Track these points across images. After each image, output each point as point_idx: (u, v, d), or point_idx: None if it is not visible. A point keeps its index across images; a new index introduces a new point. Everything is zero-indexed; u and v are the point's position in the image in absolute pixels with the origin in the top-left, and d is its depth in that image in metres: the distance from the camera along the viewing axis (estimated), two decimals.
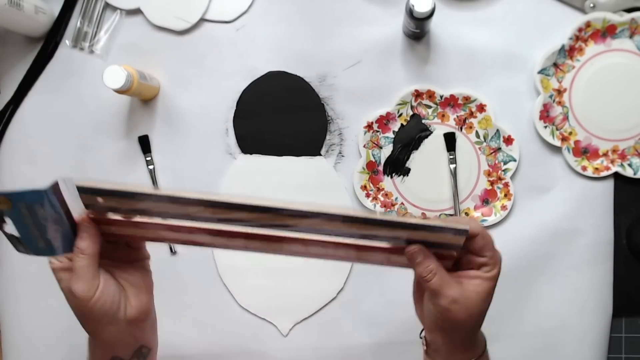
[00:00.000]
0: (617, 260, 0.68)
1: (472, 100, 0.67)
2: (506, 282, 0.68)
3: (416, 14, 0.60)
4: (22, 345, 0.72)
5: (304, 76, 0.69)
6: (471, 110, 0.67)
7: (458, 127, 0.68)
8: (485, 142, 0.67)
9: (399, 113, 0.68)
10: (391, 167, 0.69)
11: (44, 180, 0.72)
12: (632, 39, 0.66)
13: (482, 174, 0.68)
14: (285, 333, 0.70)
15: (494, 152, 0.67)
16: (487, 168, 0.68)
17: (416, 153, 0.68)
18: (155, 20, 0.69)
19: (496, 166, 0.67)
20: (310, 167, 0.69)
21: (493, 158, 0.67)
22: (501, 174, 0.67)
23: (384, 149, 0.68)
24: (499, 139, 0.67)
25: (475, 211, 0.68)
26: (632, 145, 0.67)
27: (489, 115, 0.66)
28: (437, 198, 0.68)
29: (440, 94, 0.67)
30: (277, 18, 0.69)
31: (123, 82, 0.61)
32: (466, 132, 0.67)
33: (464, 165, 0.68)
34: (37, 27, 0.69)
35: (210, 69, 0.70)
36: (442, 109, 0.67)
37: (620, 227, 0.68)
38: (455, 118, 0.68)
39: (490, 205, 0.67)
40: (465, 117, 0.67)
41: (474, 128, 0.67)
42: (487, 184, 0.68)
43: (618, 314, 0.68)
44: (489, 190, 0.68)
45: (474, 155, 0.68)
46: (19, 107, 0.71)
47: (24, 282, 0.71)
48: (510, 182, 0.67)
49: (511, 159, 0.67)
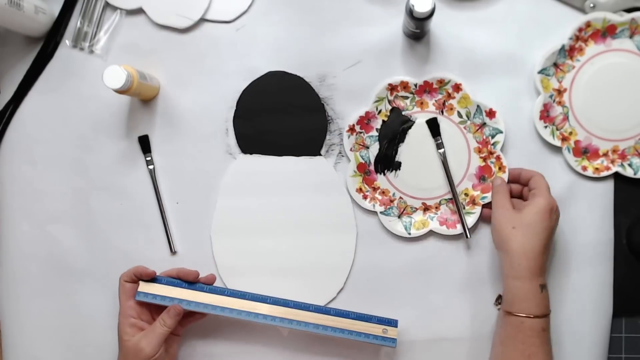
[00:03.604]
0: (617, 260, 0.68)
1: (446, 82, 0.66)
2: None
3: (416, 14, 0.60)
4: (22, 345, 0.72)
5: (304, 76, 0.69)
6: (448, 92, 0.67)
7: (439, 111, 0.67)
8: (469, 120, 0.67)
9: (378, 110, 0.68)
10: (382, 165, 0.68)
11: (44, 180, 0.72)
12: (632, 39, 0.66)
13: (472, 152, 0.67)
14: (285, 333, 0.70)
15: (480, 128, 0.67)
16: (476, 145, 0.67)
17: (403, 146, 0.68)
18: (157, 18, 0.69)
19: (485, 141, 0.67)
20: (310, 167, 0.69)
21: (480, 134, 0.67)
22: (491, 148, 0.66)
23: (371, 148, 0.68)
24: (482, 114, 0.66)
25: (474, 190, 0.67)
26: (632, 145, 0.67)
27: (467, 94, 0.66)
28: (433, 185, 0.68)
29: (414, 83, 0.67)
30: (277, 18, 0.69)
31: (123, 82, 0.61)
32: (448, 114, 0.67)
33: (452, 148, 0.68)
34: (37, 27, 0.69)
35: (210, 69, 0.70)
36: (420, 97, 0.67)
37: (620, 227, 0.68)
38: (434, 103, 0.67)
39: (487, 181, 0.67)
40: (443, 99, 0.67)
41: (455, 109, 0.67)
42: (479, 160, 0.67)
43: (618, 314, 0.68)
44: (483, 166, 0.67)
45: (460, 135, 0.67)
46: (19, 107, 0.71)
47: (24, 282, 0.71)
48: (501, 154, 0.66)
49: (498, 131, 0.66)
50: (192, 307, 0.64)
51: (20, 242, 0.72)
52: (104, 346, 0.70)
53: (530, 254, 0.58)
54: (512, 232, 0.59)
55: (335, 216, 0.69)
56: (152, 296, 0.64)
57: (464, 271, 0.68)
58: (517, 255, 0.58)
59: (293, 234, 0.69)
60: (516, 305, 0.58)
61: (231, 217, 0.70)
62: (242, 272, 0.70)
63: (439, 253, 0.68)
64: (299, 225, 0.69)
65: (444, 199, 0.68)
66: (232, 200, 0.70)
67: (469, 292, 0.68)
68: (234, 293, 0.66)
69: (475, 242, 0.68)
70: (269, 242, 0.69)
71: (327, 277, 0.69)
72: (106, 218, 0.71)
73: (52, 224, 0.71)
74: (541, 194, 0.60)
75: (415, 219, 0.68)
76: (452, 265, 0.68)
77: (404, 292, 0.69)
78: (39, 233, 0.71)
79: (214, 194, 0.70)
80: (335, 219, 0.69)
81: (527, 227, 0.59)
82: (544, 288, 0.59)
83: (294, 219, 0.69)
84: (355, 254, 0.69)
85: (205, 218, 0.70)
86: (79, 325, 0.71)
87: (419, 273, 0.68)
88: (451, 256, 0.68)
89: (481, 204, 0.67)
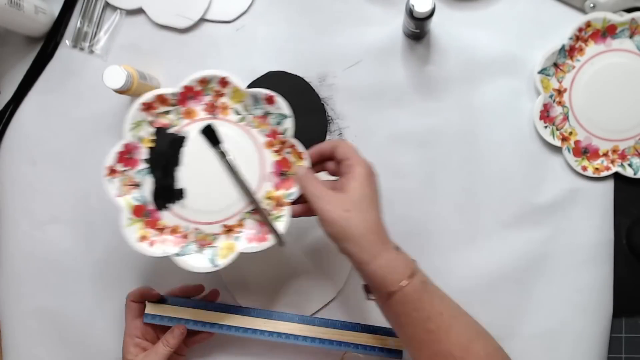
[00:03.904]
0: (617, 260, 0.68)
1: (209, 80, 0.57)
2: (506, 283, 0.68)
3: (416, 14, 0.60)
4: (22, 345, 0.72)
5: (304, 76, 0.69)
6: (215, 90, 0.57)
7: (212, 115, 0.58)
8: (249, 114, 0.58)
9: (139, 138, 0.57)
10: (162, 199, 0.57)
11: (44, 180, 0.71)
12: (632, 39, 0.66)
13: (264, 149, 0.58)
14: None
15: (264, 118, 0.58)
16: (265, 140, 0.58)
17: (181, 169, 0.58)
18: (157, 18, 0.69)
19: (274, 132, 0.58)
20: None
21: (266, 126, 0.58)
22: (282, 138, 0.58)
23: (143, 185, 0.57)
24: (260, 103, 0.57)
25: (277, 190, 0.58)
26: (632, 145, 0.67)
27: (236, 86, 0.57)
28: (229, 201, 0.58)
29: (172, 92, 0.57)
30: (277, 18, 0.69)
31: (123, 82, 0.61)
32: (223, 115, 0.58)
33: (240, 151, 0.58)
34: (37, 27, 0.69)
35: (210, 69, 0.70)
36: (184, 106, 0.57)
37: (620, 227, 0.68)
38: (204, 108, 0.58)
39: (288, 175, 0.58)
40: (213, 101, 0.58)
41: (229, 107, 0.58)
42: (274, 155, 0.58)
43: (618, 314, 0.68)
44: (280, 160, 0.58)
45: (243, 135, 0.58)
46: (19, 107, 0.71)
47: (24, 282, 0.71)
48: (294, 141, 0.57)
49: (283, 117, 0.57)
50: (198, 327, 0.64)
51: (20, 242, 0.72)
52: (105, 346, 0.70)
53: (374, 226, 0.52)
54: (348, 216, 0.51)
55: None
56: (159, 318, 0.63)
57: None
58: (363, 236, 0.51)
59: (292, 233, 0.69)
60: (389, 282, 0.51)
61: None
62: (242, 273, 0.69)
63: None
64: (299, 225, 0.69)
65: (246, 212, 0.58)
66: None
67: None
68: (245, 312, 0.65)
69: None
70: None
71: (327, 277, 0.69)
72: (106, 218, 0.71)
73: (52, 224, 0.71)
74: (355, 161, 0.54)
75: (220, 246, 0.58)
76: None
77: None
78: (39, 233, 0.71)
79: None
80: None
81: (361, 202, 0.52)
82: (397, 248, 0.53)
83: (293, 219, 0.69)
84: None
85: None
86: (79, 326, 0.71)
87: None
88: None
89: (289, 203, 0.58)
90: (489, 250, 0.68)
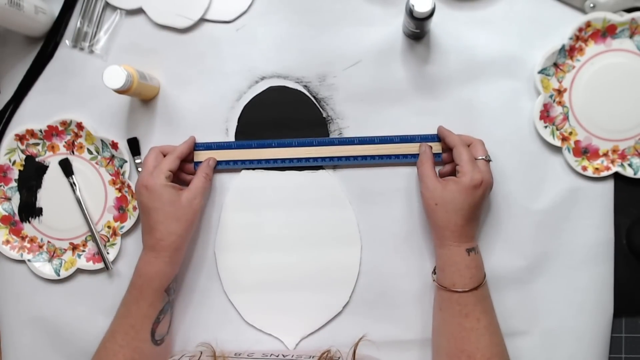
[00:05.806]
0: (617, 260, 0.68)
1: (69, 123, 0.69)
2: (506, 283, 0.68)
3: (416, 14, 0.60)
4: (22, 345, 0.72)
5: (304, 76, 0.69)
6: (74, 131, 0.70)
7: (70, 151, 0.70)
8: (99, 155, 0.70)
9: (12, 161, 0.70)
10: (25, 213, 0.71)
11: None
12: (632, 39, 0.66)
13: (108, 185, 0.70)
14: (291, 348, 0.69)
15: (110, 161, 0.70)
16: (110, 178, 0.70)
17: (42, 191, 0.71)
18: (157, 18, 0.69)
19: (117, 173, 0.70)
20: (312, 181, 0.69)
21: (112, 167, 0.70)
22: (122, 178, 0.70)
23: (12, 199, 0.71)
24: (108, 147, 0.69)
25: (115, 222, 0.70)
26: (632, 145, 0.67)
27: (89, 131, 0.69)
28: (76, 224, 0.70)
29: (40, 129, 0.70)
30: (277, 18, 0.69)
31: (123, 82, 0.61)
32: (79, 153, 0.70)
33: (88, 184, 0.70)
34: (37, 27, 0.69)
35: (210, 69, 0.70)
36: (49, 141, 0.70)
37: (620, 227, 0.68)
38: (64, 144, 0.70)
39: (125, 210, 0.70)
40: (72, 140, 0.70)
41: (84, 146, 0.70)
42: (116, 192, 0.70)
43: (618, 314, 0.68)
44: (120, 197, 0.70)
45: (93, 171, 0.70)
46: (19, 107, 0.71)
47: (24, 282, 0.71)
48: (130, 182, 0.69)
49: (123, 161, 0.69)
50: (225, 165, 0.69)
51: None
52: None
53: (453, 227, 0.60)
54: (435, 209, 0.61)
55: (339, 229, 0.69)
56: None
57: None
58: (441, 228, 0.61)
59: (297, 248, 0.69)
60: (446, 271, 0.61)
61: (235, 232, 0.70)
62: (247, 288, 0.69)
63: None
64: (303, 240, 0.69)
65: (88, 235, 0.70)
66: (235, 216, 0.70)
67: None
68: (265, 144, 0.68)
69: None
70: (274, 257, 0.69)
71: (333, 291, 0.69)
72: None
73: None
74: (464, 172, 0.61)
75: (65, 259, 0.71)
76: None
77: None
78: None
79: (219, 201, 0.70)
80: (339, 232, 0.69)
81: (449, 204, 0.60)
82: (471, 251, 0.61)
83: (298, 234, 0.69)
84: (360, 267, 0.69)
85: (208, 234, 0.70)
86: (79, 326, 0.71)
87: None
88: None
89: (120, 234, 0.70)
90: (489, 250, 0.68)
